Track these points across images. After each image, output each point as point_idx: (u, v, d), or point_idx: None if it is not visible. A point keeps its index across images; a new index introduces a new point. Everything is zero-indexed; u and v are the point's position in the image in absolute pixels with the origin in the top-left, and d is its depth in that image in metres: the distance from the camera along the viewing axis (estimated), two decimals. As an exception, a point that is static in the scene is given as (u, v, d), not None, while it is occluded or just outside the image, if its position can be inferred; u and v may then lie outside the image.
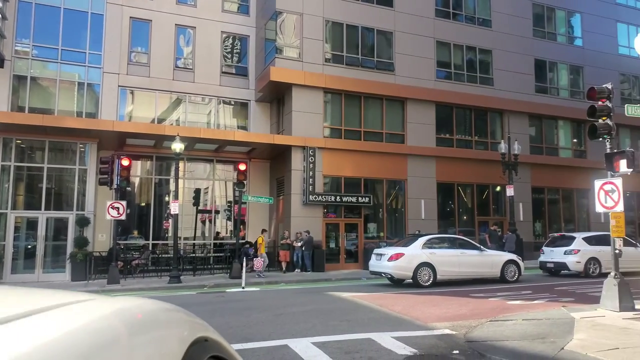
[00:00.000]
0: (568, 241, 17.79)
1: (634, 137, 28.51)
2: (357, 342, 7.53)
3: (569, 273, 17.47)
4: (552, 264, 17.77)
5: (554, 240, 18.84)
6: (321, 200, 20.74)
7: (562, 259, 17.36)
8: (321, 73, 21.32)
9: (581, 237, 17.62)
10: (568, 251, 17.28)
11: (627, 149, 10.45)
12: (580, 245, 17.20)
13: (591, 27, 28.41)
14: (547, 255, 18.11)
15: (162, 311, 1.01)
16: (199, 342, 0.96)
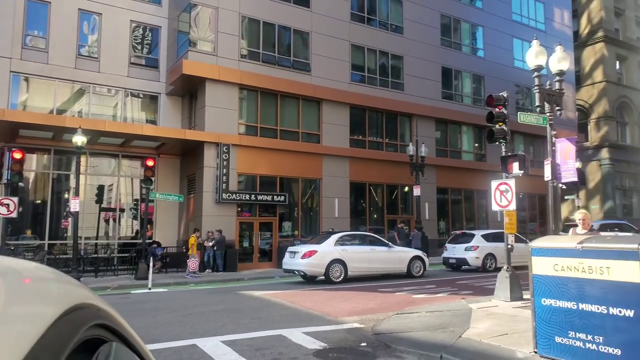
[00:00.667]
0: (468, 238, 19.03)
1: (526, 143, 31.18)
2: (268, 339, 7.51)
3: (469, 268, 18.69)
4: (454, 260, 18.92)
5: (456, 237, 20.07)
6: (235, 199, 20.39)
7: (463, 255, 18.54)
8: (237, 69, 20.96)
9: (480, 235, 18.91)
10: (468, 247, 18.48)
11: (520, 152, 11.39)
12: (479, 242, 18.47)
13: (491, 40, 30.68)
14: (450, 251, 19.26)
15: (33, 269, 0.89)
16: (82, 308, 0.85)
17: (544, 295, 5.64)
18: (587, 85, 36.29)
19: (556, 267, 5.48)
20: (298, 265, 15.11)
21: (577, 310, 5.25)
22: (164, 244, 20.90)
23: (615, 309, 4.89)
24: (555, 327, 5.49)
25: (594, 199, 35.12)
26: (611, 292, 4.93)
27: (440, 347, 6.59)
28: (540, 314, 5.68)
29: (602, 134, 35.33)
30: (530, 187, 28.12)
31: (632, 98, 37.00)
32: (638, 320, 4.67)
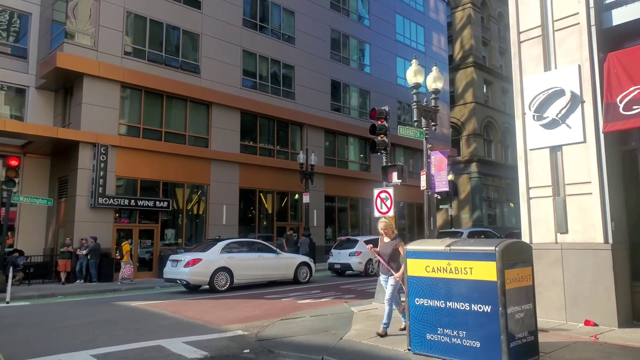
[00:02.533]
0: (352, 244, 19.75)
1: (407, 156, 33.35)
2: (145, 350, 7.12)
3: (353, 273, 19.39)
4: (339, 265, 19.50)
5: (341, 243, 20.74)
6: (113, 204, 19.03)
7: (347, 260, 19.17)
8: (119, 66, 19.68)
9: (362, 240, 19.70)
10: (352, 253, 19.17)
11: (398, 163, 12.15)
12: (362, 247, 19.21)
13: (377, 57, 32.46)
14: (335, 257, 19.81)
15: None
16: None
17: (417, 296, 6.02)
18: (460, 105, 39.92)
19: (428, 269, 5.89)
20: (180, 274, 14.49)
21: (446, 309, 5.67)
22: (28, 252, 18.81)
23: (476, 306, 5.38)
24: (427, 325, 5.87)
25: (464, 209, 38.56)
26: (474, 290, 5.42)
27: (322, 349, 6.72)
28: (414, 314, 6.05)
29: (472, 149, 39.02)
30: (410, 197, 30.07)
31: (496, 119, 41.41)
32: (495, 314, 5.19)
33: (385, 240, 7.58)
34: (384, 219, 7.82)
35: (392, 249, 7.36)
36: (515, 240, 5.94)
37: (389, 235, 7.54)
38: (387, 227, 7.56)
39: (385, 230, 7.57)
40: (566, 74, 7.89)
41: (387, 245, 7.51)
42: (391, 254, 7.37)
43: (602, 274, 7.18)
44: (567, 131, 7.79)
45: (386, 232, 7.57)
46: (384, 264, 7.40)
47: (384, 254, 7.45)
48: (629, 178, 7.79)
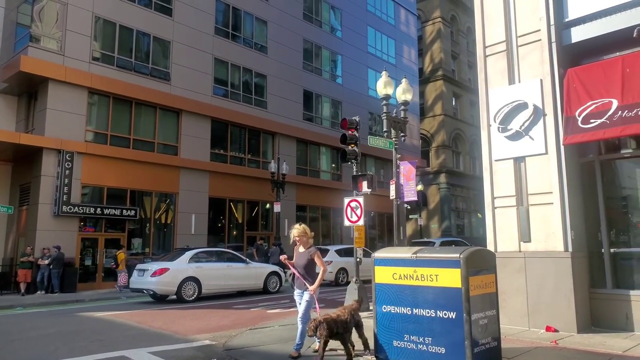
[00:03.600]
0: (323, 253, 19.73)
1: (377, 166, 33.70)
2: (108, 361, 6.93)
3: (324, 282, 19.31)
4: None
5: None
6: (78, 212, 18.53)
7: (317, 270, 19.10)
8: (87, 71, 19.28)
9: (334, 250, 19.75)
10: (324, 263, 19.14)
11: (369, 173, 12.28)
12: (333, 257, 19.28)
13: (349, 69, 32.83)
14: None
15: None
16: None
17: (384, 303, 6.08)
18: (429, 117, 40.67)
19: (395, 276, 5.97)
20: (147, 284, 14.20)
21: (412, 316, 5.75)
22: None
23: (441, 312, 5.47)
24: (393, 332, 5.93)
25: (433, 219, 39.13)
26: (439, 297, 5.51)
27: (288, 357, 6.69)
28: (381, 321, 6.10)
29: (441, 161, 39.73)
30: (380, 207, 30.32)
31: (464, 131, 42.35)
32: (459, 321, 5.29)
33: (300, 250, 6.80)
34: (297, 225, 6.89)
35: (307, 260, 6.63)
36: (480, 248, 6.08)
37: (304, 244, 6.76)
38: (301, 234, 6.74)
39: (299, 238, 6.76)
40: (529, 88, 8.17)
41: (301, 255, 6.73)
42: (306, 266, 6.64)
43: (563, 282, 7.41)
44: (530, 143, 8.06)
45: (300, 241, 6.78)
46: (298, 276, 6.66)
47: (299, 265, 6.70)
48: (587, 189, 8.10)
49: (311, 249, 6.70)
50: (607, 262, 7.77)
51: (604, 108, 7.09)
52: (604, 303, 7.59)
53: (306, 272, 6.64)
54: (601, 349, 6.35)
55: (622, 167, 8.16)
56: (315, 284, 6.50)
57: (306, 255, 6.66)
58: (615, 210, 8.07)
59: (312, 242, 6.84)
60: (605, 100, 7.13)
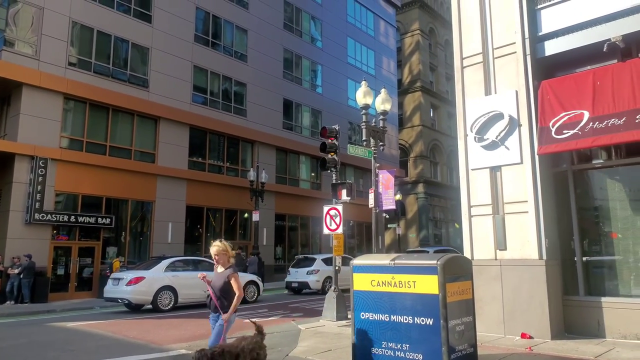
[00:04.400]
0: (310, 262, 19.77)
1: (357, 175, 33.84)
2: (80, 373, 6.75)
3: (310, 291, 19.31)
4: (297, 284, 19.43)
5: (298, 261, 20.70)
6: (51, 220, 18.12)
7: (304, 279, 19.18)
8: (62, 77, 18.96)
9: (320, 259, 19.73)
10: (310, 271, 19.20)
11: (348, 181, 12.34)
12: (320, 265, 19.30)
13: (329, 79, 33.05)
14: (293, 275, 19.76)
15: None
16: None
17: (362, 310, 6.08)
18: (408, 128, 41.15)
19: (373, 283, 5.98)
20: (122, 293, 13.93)
21: (390, 322, 5.76)
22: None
23: (419, 319, 5.50)
24: (371, 339, 5.93)
25: (411, 228, 39.43)
26: (417, 303, 5.54)
27: (267, 367, 6.63)
28: (359, 328, 6.10)
29: (419, 171, 40.15)
30: (359, 216, 30.41)
31: (442, 142, 42.95)
32: (436, 327, 5.32)
33: (218, 270, 5.94)
34: (217, 242, 5.97)
35: (224, 282, 5.74)
36: (456, 255, 6.15)
37: (223, 263, 5.90)
38: (220, 252, 5.87)
39: (218, 257, 5.88)
40: (505, 99, 8.36)
41: (219, 276, 5.86)
42: (222, 288, 5.75)
43: (537, 289, 7.54)
44: (505, 152, 8.22)
45: (220, 260, 5.90)
46: (213, 299, 5.78)
47: (215, 286, 5.81)
48: (560, 198, 8.29)
49: (229, 269, 5.80)
50: (579, 269, 7.94)
51: (576, 119, 7.30)
52: (576, 310, 7.75)
53: (222, 295, 5.73)
54: (574, 354, 6.48)
55: (593, 177, 8.39)
56: (229, 311, 5.64)
57: (223, 277, 5.76)
58: (587, 219, 8.27)
59: (234, 262, 6.05)
60: (577, 111, 7.34)
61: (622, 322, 7.30)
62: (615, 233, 7.91)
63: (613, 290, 7.70)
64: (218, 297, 5.75)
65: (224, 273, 5.80)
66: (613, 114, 6.94)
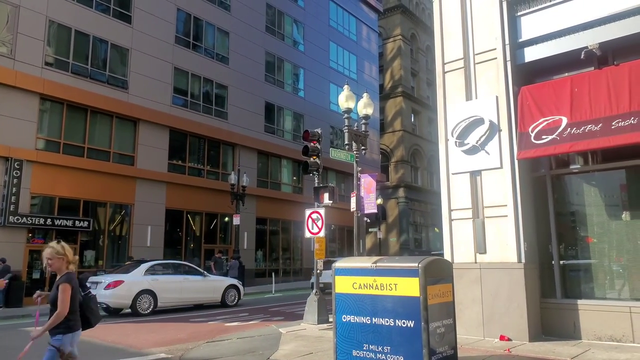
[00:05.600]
0: None
1: (339, 180, 33.90)
2: (55, 379, 6.56)
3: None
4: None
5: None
6: (26, 223, 17.72)
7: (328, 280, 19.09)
8: (39, 77, 18.59)
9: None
10: None
11: (330, 184, 12.35)
12: None
13: (311, 83, 33.10)
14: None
15: None
16: None
17: (344, 312, 6.08)
18: (389, 132, 41.46)
19: (355, 285, 5.98)
20: (100, 297, 13.57)
21: (371, 325, 5.77)
22: None
23: (400, 321, 5.52)
24: (353, 342, 5.93)
25: (392, 232, 39.66)
26: (398, 306, 5.56)
27: (248, 371, 6.58)
28: (341, 331, 6.09)
29: (400, 175, 40.45)
30: (341, 220, 30.45)
31: (422, 147, 43.37)
32: (417, 329, 5.34)
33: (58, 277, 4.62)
34: (53, 243, 4.67)
35: (56, 293, 4.47)
36: (437, 258, 6.20)
37: (57, 269, 4.58)
38: (53, 256, 4.56)
39: (52, 261, 4.56)
40: (485, 104, 8.48)
41: (55, 285, 4.54)
42: (54, 300, 4.48)
43: (516, 292, 7.65)
44: (485, 157, 8.33)
45: (53, 264, 4.57)
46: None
47: (50, 298, 4.56)
48: (539, 202, 8.43)
49: (62, 277, 4.52)
50: (556, 273, 8.08)
51: (555, 125, 7.44)
52: (554, 312, 7.87)
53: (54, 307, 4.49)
54: (551, 356, 6.58)
55: (570, 182, 8.55)
56: (41, 329, 4.46)
57: (56, 286, 4.50)
58: (565, 223, 8.42)
59: (73, 269, 4.64)
60: (555, 117, 7.48)
61: (597, 324, 7.44)
62: (591, 237, 8.08)
63: (589, 293, 7.85)
64: (51, 311, 4.50)
65: (58, 281, 4.52)
66: (590, 120, 7.10)
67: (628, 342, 7.17)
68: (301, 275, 29.95)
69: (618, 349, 6.91)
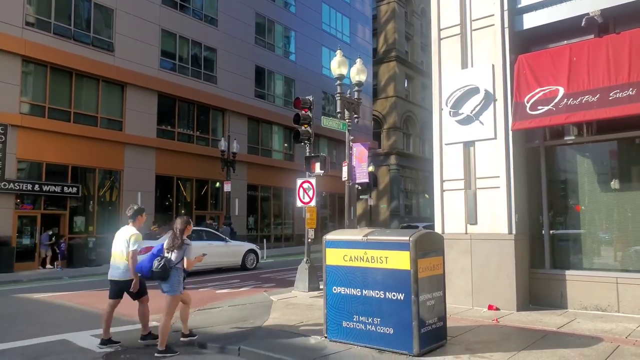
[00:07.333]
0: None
1: (330, 147, 33.73)
2: (49, 345, 6.67)
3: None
4: None
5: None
6: (14, 189, 17.47)
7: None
8: (20, 37, 17.94)
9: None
10: None
11: (321, 154, 12.20)
12: None
13: (303, 46, 32.38)
14: None
15: None
16: None
17: (335, 284, 6.08)
18: (382, 98, 41.00)
19: (345, 258, 5.96)
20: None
21: (361, 297, 5.78)
22: None
23: (390, 294, 5.52)
24: (343, 313, 5.95)
25: (383, 199, 39.84)
26: (388, 278, 5.55)
27: (240, 338, 6.61)
28: (331, 302, 6.10)
29: (391, 142, 40.30)
30: (332, 187, 30.44)
31: (415, 113, 43.06)
32: (407, 302, 5.35)
33: None
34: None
35: None
36: (428, 231, 6.16)
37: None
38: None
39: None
40: (481, 73, 8.29)
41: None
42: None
43: (505, 262, 7.69)
44: (480, 128, 8.21)
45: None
46: None
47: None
48: (531, 174, 8.39)
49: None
50: (546, 243, 8.12)
51: (551, 95, 7.29)
52: (542, 282, 7.95)
53: None
54: (538, 325, 6.68)
55: (564, 153, 8.49)
56: None
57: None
58: (556, 194, 8.41)
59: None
60: (552, 87, 7.33)
61: (584, 294, 7.55)
62: (582, 208, 8.09)
63: (577, 264, 7.93)
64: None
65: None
66: (587, 90, 6.96)
67: (613, 311, 7.28)
68: (292, 241, 30.16)
69: (603, 318, 7.02)
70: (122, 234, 6.70)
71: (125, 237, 6.59)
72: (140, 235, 6.62)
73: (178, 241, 6.21)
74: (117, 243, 6.66)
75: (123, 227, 6.81)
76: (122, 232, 6.74)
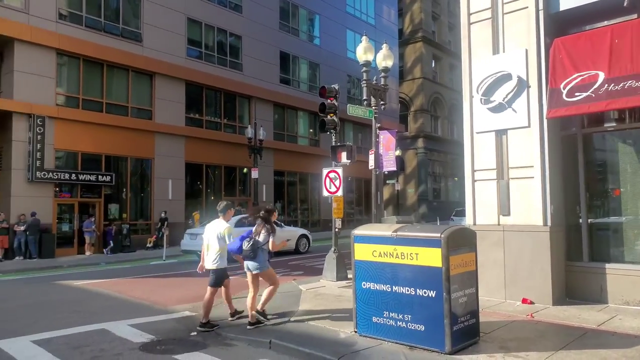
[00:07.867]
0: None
1: (355, 131, 33.47)
2: (88, 335, 6.90)
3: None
4: None
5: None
6: (52, 178, 18.07)
7: None
8: (54, 31, 18.30)
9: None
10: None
11: (348, 143, 12.06)
12: None
13: (327, 29, 31.97)
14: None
15: None
16: None
17: (363, 279, 6.06)
18: (409, 80, 40.32)
19: (375, 253, 5.92)
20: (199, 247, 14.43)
21: (392, 293, 5.74)
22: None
23: (421, 291, 5.46)
24: (372, 308, 5.94)
25: (410, 183, 39.47)
26: (419, 275, 5.49)
27: (270, 331, 6.68)
28: (360, 297, 6.09)
29: (419, 125, 39.72)
30: (358, 172, 30.26)
31: (443, 95, 42.24)
32: (439, 299, 5.29)
33: None
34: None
35: None
36: (461, 227, 6.05)
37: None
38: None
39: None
40: (514, 58, 8.00)
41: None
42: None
43: (540, 255, 7.50)
44: (512, 115, 7.96)
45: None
46: None
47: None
48: (567, 163, 8.11)
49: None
50: (584, 235, 7.87)
51: (590, 81, 6.97)
52: (579, 275, 7.74)
53: None
54: (575, 322, 6.46)
55: (604, 141, 8.17)
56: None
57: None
58: (594, 183, 8.12)
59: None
60: (591, 72, 6.99)
61: (626, 289, 7.28)
62: (624, 198, 7.78)
63: (618, 257, 7.65)
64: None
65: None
66: (631, 74, 6.58)
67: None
68: (319, 226, 30.25)
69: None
70: (215, 227, 7.26)
71: (218, 230, 7.17)
72: (231, 228, 7.28)
73: (268, 226, 7.14)
74: (209, 235, 7.25)
75: (214, 220, 7.41)
76: (214, 225, 7.31)
